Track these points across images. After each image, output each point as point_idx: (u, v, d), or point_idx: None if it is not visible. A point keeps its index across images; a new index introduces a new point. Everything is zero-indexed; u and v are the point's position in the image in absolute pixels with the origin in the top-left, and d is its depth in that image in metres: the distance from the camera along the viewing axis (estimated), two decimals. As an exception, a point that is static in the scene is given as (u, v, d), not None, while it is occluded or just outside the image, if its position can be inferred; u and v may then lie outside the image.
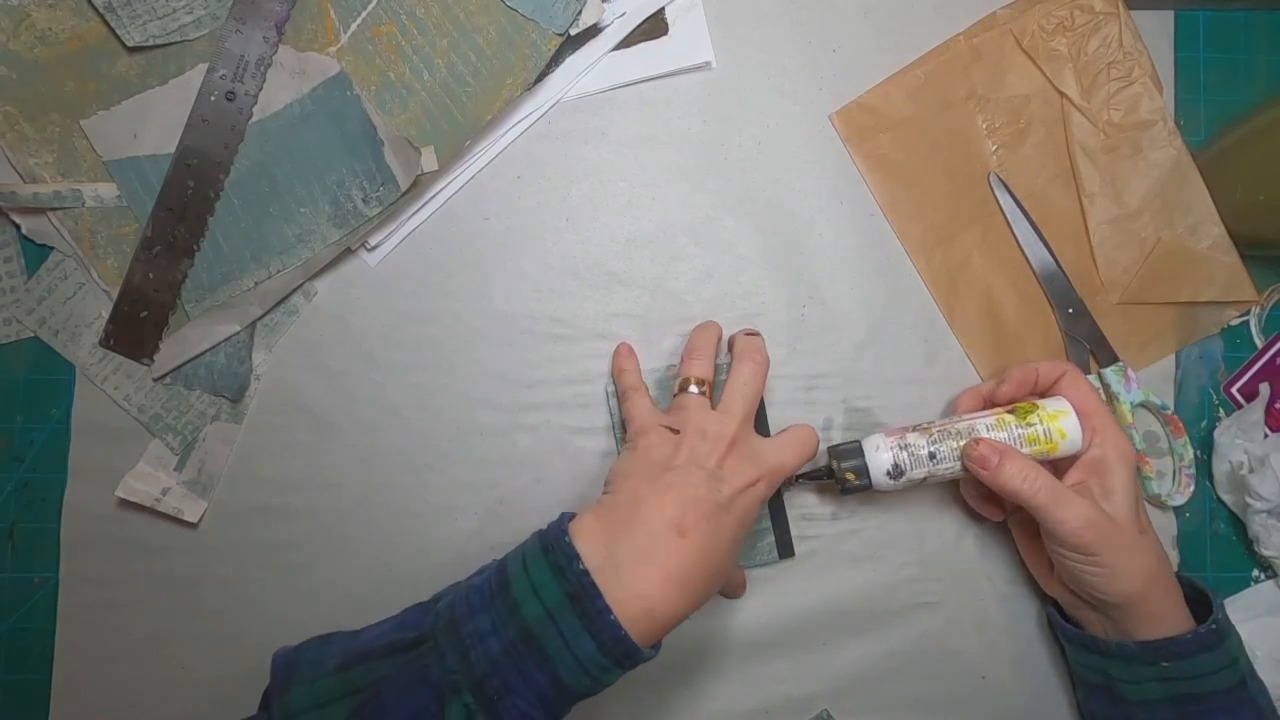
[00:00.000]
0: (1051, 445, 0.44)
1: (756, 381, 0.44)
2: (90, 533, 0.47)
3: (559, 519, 0.38)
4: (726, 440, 0.41)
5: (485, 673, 0.34)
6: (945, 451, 0.44)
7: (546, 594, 0.35)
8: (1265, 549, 0.50)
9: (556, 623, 0.35)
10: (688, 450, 0.40)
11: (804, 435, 0.44)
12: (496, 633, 0.35)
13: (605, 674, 0.35)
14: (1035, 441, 0.44)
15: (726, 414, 0.42)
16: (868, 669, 0.49)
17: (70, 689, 0.47)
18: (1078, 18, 0.50)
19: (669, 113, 0.50)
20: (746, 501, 0.40)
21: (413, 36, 0.47)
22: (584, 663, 0.34)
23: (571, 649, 0.34)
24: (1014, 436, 0.44)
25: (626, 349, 0.48)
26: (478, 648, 0.34)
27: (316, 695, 0.35)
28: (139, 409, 0.47)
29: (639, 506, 0.37)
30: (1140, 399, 0.50)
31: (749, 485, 0.40)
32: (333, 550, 0.48)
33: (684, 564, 0.36)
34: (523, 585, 0.36)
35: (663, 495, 0.38)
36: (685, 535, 0.37)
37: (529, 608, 0.35)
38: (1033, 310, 0.51)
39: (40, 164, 0.46)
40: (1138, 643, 0.42)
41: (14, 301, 0.47)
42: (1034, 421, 0.44)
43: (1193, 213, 0.51)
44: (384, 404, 0.48)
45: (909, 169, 0.51)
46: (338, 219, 0.47)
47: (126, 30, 0.45)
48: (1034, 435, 0.44)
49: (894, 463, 0.45)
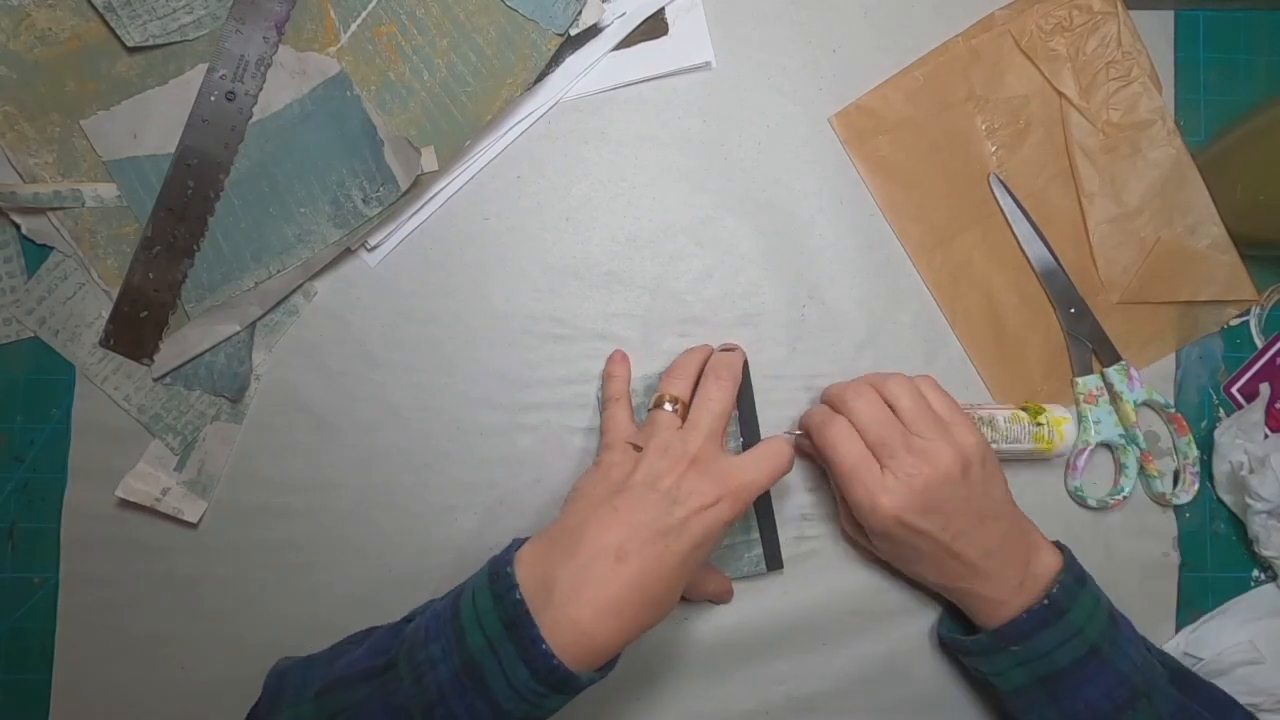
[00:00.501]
0: (1050, 445, 0.48)
1: (723, 397, 0.42)
2: (90, 533, 0.47)
3: (509, 545, 0.39)
4: (687, 458, 0.40)
5: (434, 699, 0.35)
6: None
7: (487, 622, 0.36)
8: (1265, 549, 0.50)
9: (495, 651, 0.35)
10: (646, 469, 0.40)
11: (774, 449, 0.42)
12: (446, 660, 0.36)
13: (545, 700, 0.36)
14: (1040, 440, 0.48)
15: (691, 430, 0.41)
16: (868, 669, 0.49)
17: (70, 689, 0.47)
18: (1076, 18, 0.50)
19: (669, 113, 0.50)
20: (705, 522, 0.38)
21: (413, 36, 0.47)
22: (520, 691, 0.35)
23: (508, 677, 0.35)
24: (1025, 431, 0.48)
25: (619, 356, 0.48)
26: (429, 675, 0.36)
27: (298, 718, 0.37)
28: (139, 409, 0.47)
29: (582, 531, 0.38)
30: (1143, 398, 0.50)
31: (707, 505, 0.38)
32: (333, 550, 0.48)
33: (619, 591, 0.36)
34: (469, 613, 0.36)
35: (606, 519, 0.38)
36: (624, 561, 0.36)
37: (472, 636, 0.36)
38: (1033, 310, 0.51)
39: (40, 164, 0.46)
40: (987, 633, 0.43)
41: (14, 301, 0.47)
42: (1043, 422, 0.48)
43: (1192, 212, 0.51)
44: (384, 404, 0.48)
45: (909, 171, 0.51)
46: (338, 219, 0.47)
47: (126, 30, 0.45)
48: (1040, 435, 0.48)
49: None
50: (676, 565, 0.37)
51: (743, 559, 0.48)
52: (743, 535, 0.48)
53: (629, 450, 0.42)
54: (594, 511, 0.38)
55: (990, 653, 0.43)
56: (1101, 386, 0.51)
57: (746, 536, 0.48)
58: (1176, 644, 0.50)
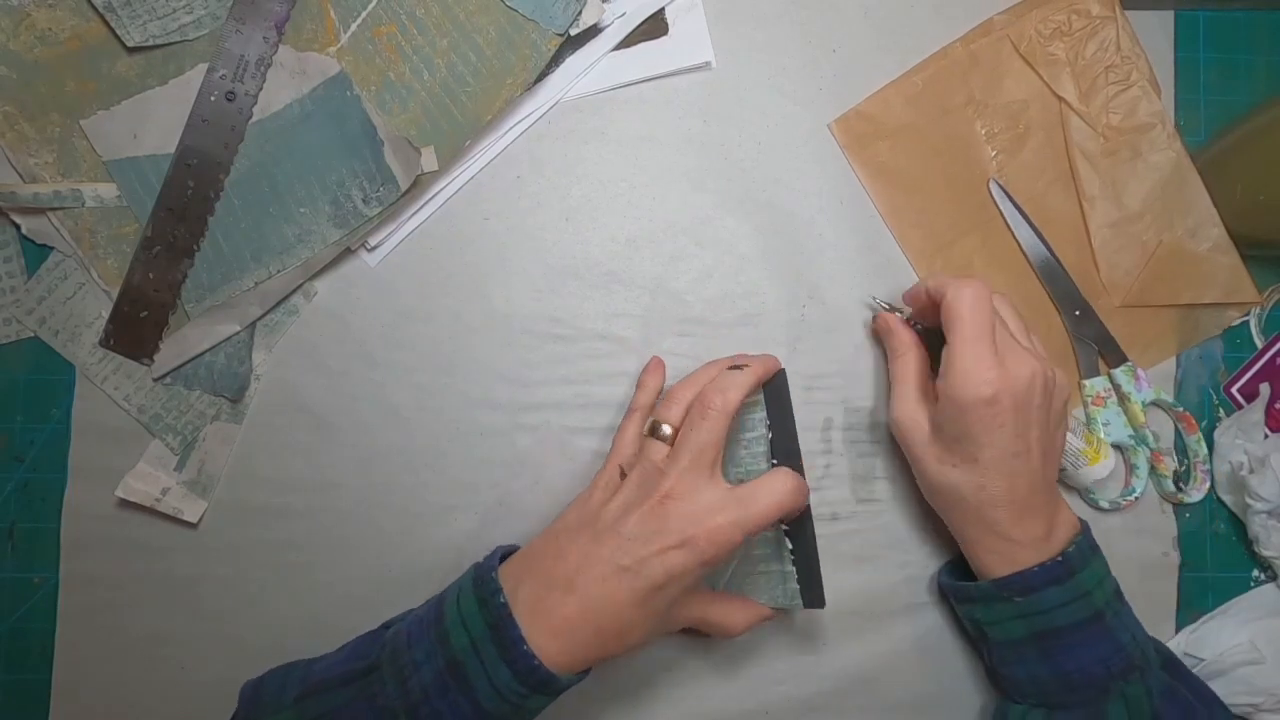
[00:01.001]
0: (1096, 454, 0.49)
1: (709, 429, 0.39)
2: (90, 533, 0.47)
3: (492, 553, 0.40)
4: (658, 495, 0.38)
5: (419, 700, 0.36)
6: None
7: (472, 625, 0.37)
8: (1265, 549, 0.50)
9: (478, 652, 0.36)
10: (618, 502, 0.39)
11: (770, 487, 0.39)
12: (429, 662, 0.37)
13: (525, 701, 0.36)
14: (1090, 443, 0.49)
15: (670, 466, 0.39)
16: (868, 669, 0.49)
17: (70, 689, 0.47)
18: (1075, 22, 0.50)
19: (669, 113, 0.50)
20: (666, 565, 0.37)
21: (413, 36, 0.47)
22: (502, 691, 0.36)
23: (490, 678, 0.36)
24: (1079, 426, 0.50)
25: (655, 365, 0.48)
26: (413, 677, 0.36)
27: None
28: (139, 409, 0.47)
29: (544, 553, 0.39)
30: (1151, 398, 0.50)
31: (668, 548, 0.37)
32: (333, 550, 0.48)
33: (565, 620, 0.37)
34: (454, 616, 0.38)
35: (566, 549, 0.39)
36: (571, 593, 0.37)
37: (456, 637, 0.37)
38: (1035, 315, 0.51)
39: (40, 164, 0.46)
40: (991, 581, 0.43)
41: (14, 301, 0.47)
42: (1092, 441, 0.50)
43: (1193, 215, 0.51)
44: (384, 404, 0.48)
45: (908, 176, 0.51)
46: (338, 219, 0.47)
47: (126, 30, 0.45)
48: (1090, 438, 0.50)
49: None
50: (629, 604, 0.37)
51: (777, 590, 0.45)
52: (776, 565, 0.44)
53: (614, 476, 0.42)
54: (558, 537, 0.40)
55: (992, 601, 0.43)
56: (1109, 388, 0.51)
57: (781, 567, 0.44)
58: (1177, 644, 0.50)
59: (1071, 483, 0.50)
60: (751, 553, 0.45)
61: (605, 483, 0.42)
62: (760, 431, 0.44)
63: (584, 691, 0.48)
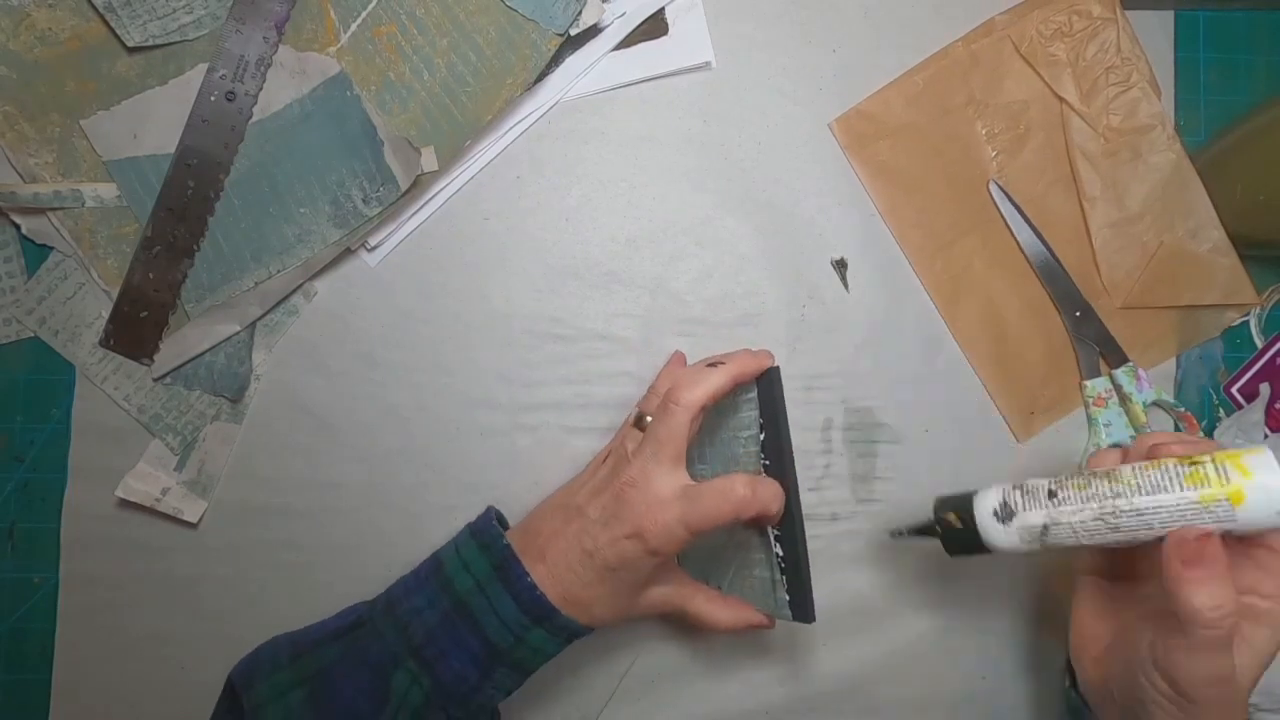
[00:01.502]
0: (1233, 492, 0.32)
1: (671, 423, 0.39)
2: (90, 533, 0.47)
3: (486, 511, 0.43)
4: (620, 483, 0.40)
5: (423, 642, 0.39)
6: (1071, 493, 0.35)
7: (475, 568, 0.40)
8: (1265, 549, 0.50)
9: (484, 590, 0.39)
10: (591, 485, 0.42)
11: (717, 490, 0.38)
12: (432, 606, 0.39)
13: (527, 632, 0.39)
14: (1201, 483, 0.33)
15: (636, 455, 0.40)
16: (868, 669, 0.49)
17: (70, 689, 0.47)
18: (1075, 23, 0.50)
19: (669, 113, 0.50)
20: (620, 552, 0.38)
21: (413, 36, 0.47)
22: (507, 622, 0.38)
23: (496, 610, 0.39)
24: (1169, 475, 0.34)
25: (677, 358, 0.48)
26: (414, 621, 0.39)
27: (277, 686, 0.39)
28: (139, 409, 0.47)
29: (529, 525, 0.42)
30: (1152, 398, 0.50)
31: (622, 536, 0.38)
32: (333, 550, 0.48)
33: (541, 581, 0.39)
34: (455, 564, 0.41)
35: (544, 521, 0.42)
36: (542, 562, 0.40)
37: (460, 581, 0.40)
38: (1035, 315, 0.51)
39: (40, 164, 0.46)
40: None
41: (14, 301, 0.47)
42: (1203, 460, 0.33)
43: (1193, 216, 0.51)
44: (384, 404, 0.48)
45: (909, 176, 0.51)
46: (338, 219, 0.47)
47: (126, 30, 0.45)
48: (1200, 475, 0.33)
49: (1002, 500, 0.37)
50: (593, 581, 0.39)
51: (769, 597, 0.43)
52: (767, 572, 0.43)
53: (601, 459, 0.44)
54: (543, 513, 0.43)
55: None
56: (1110, 389, 0.51)
57: (771, 575, 0.43)
58: None
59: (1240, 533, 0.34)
60: (750, 555, 0.44)
61: (593, 466, 0.44)
62: (754, 431, 0.44)
63: (584, 691, 0.48)
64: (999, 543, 0.37)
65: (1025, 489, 0.37)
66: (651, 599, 0.42)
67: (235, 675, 0.41)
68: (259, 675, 0.40)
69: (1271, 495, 0.31)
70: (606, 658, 0.48)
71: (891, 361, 0.51)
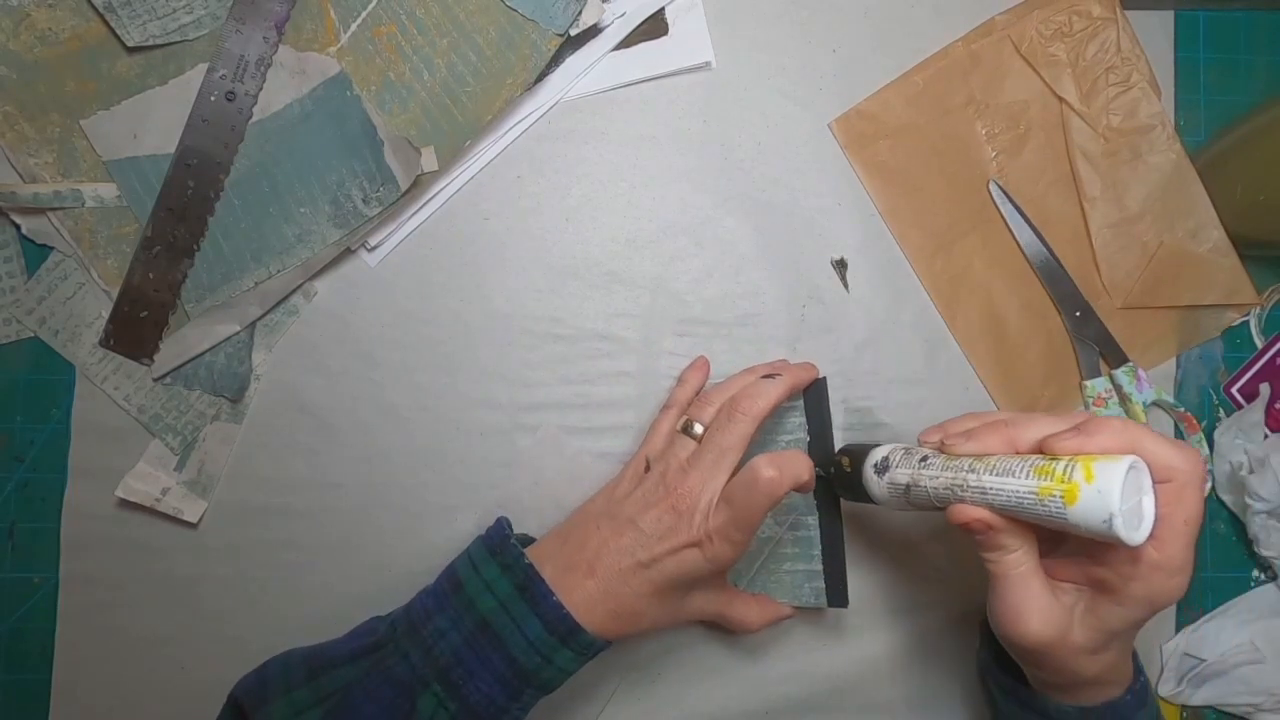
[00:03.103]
0: (1068, 491, 0.32)
1: (735, 433, 0.40)
2: (90, 533, 0.47)
3: (497, 523, 0.42)
4: (676, 493, 0.39)
5: (449, 664, 0.38)
6: (937, 460, 0.38)
7: (498, 588, 0.39)
8: (1265, 549, 0.50)
9: (508, 610, 0.38)
10: (639, 496, 0.41)
11: (746, 481, 0.38)
12: (456, 628, 0.39)
13: (554, 653, 0.38)
14: (1045, 475, 0.33)
15: (693, 465, 0.40)
16: (868, 669, 0.49)
17: (70, 689, 0.47)
18: (1076, 23, 0.50)
19: (669, 113, 0.50)
20: (679, 562, 0.39)
21: (413, 36, 0.47)
22: (533, 642, 0.38)
23: (522, 631, 0.38)
24: (1024, 463, 0.35)
25: (701, 363, 0.48)
26: (439, 643, 0.38)
27: (294, 704, 0.38)
28: (139, 409, 0.47)
29: (570, 536, 0.41)
30: (1152, 398, 0.50)
31: (680, 547, 0.39)
32: (333, 550, 0.48)
33: (586, 600, 0.39)
34: (476, 584, 0.39)
35: (589, 535, 0.40)
36: (592, 577, 0.39)
37: (483, 601, 0.39)
38: (1035, 316, 0.51)
39: (40, 164, 0.46)
40: (1077, 709, 0.39)
41: (14, 301, 0.47)
42: (1062, 456, 0.34)
43: (1193, 216, 0.51)
44: (384, 404, 0.48)
45: (909, 176, 0.51)
46: (338, 219, 0.47)
47: (126, 30, 0.45)
48: (1048, 469, 0.33)
49: (885, 455, 0.40)
50: (647, 593, 0.39)
51: (803, 588, 0.46)
52: (804, 564, 0.46)
53: (639, 468, 0.43)
54: (584, 523, 0.42)
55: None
56: (1110, 389, 0.51)
57: (808, 566, 0.46)
58: (1176, 644, 0.50)
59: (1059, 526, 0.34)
60: (779, 550, 0.46)
61: (632, 473, 0.43)
62: (799, 435, 0.47)
63: (585, 691, 0.48)
64: (872, 490, 0.41)
65: (910, 451, 0.40)
66: (696, 604, 0.42)
67: (242, 693, 0.40)
68: (271, 693, 0.39)
69: (1103, 502, 0.31)
70: (606, 659, 0.48)
71: (891, 361, 0.51)
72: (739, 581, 0.47)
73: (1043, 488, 0.33)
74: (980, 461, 0.36)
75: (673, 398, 0.47)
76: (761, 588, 0.47)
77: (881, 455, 0.41)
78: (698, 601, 0.42)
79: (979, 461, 0.36)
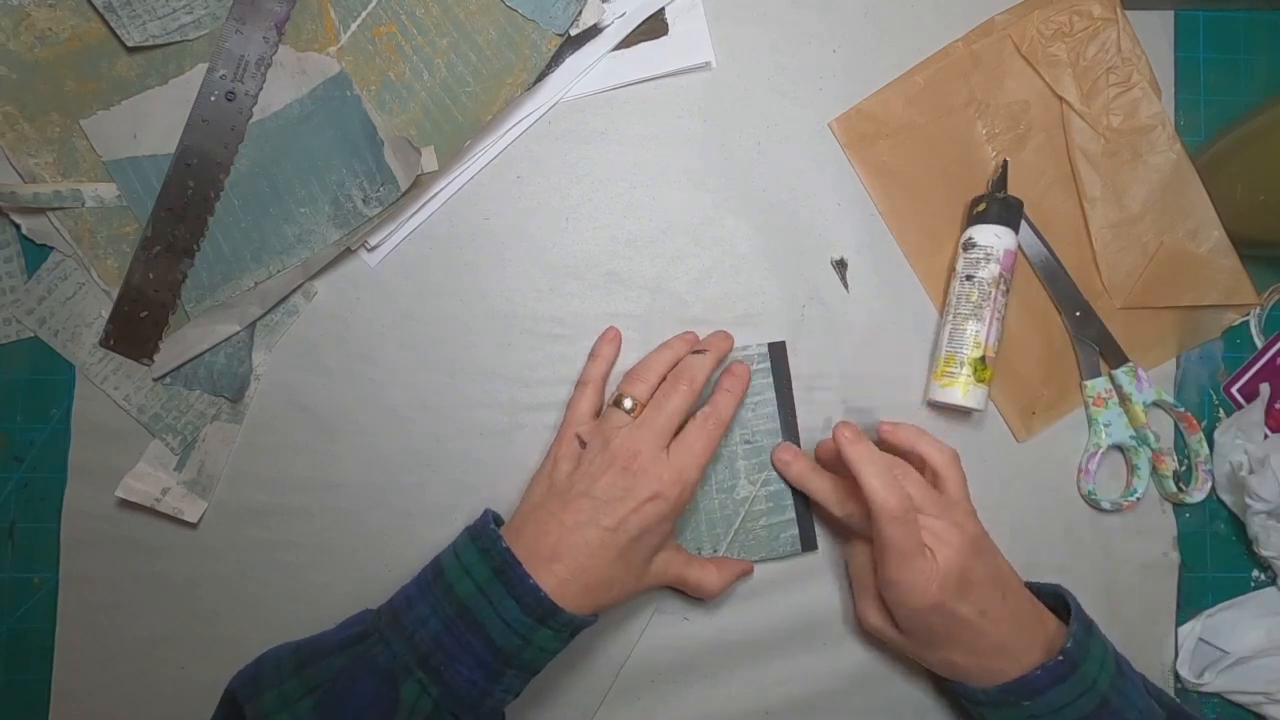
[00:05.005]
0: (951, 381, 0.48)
1: (679, 401, 0.43)
2: (90, 533, 0.47)
3: (483, 514, 0.43)
4: (626, 455, 0.42)
5: (429, 650, 0.38)
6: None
7: (476, 572, 0.40)
8: (1265, 550, 0.50)
9: (486, 594, 0.39)
10: (584, 470, 0.42)
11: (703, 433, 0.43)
12: (436, 614, 0.39)
13: (532, 633, 0.39)
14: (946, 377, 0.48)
15: (640, 428, 0.43)
16: (869, 669, 0.49)
17: (70, 689, 0.47)
18: (1076, 23, 0.50)
19: (669, 113, 0.50)
20: (641, 518, 0.41)
21: (413, 36, 0.47)
22: (511, 623, 0.39)
23: (499, 613, 0.39)
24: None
25: (612, 334, 0.49)
26: (420, 631, 0.39)
27: (285, 696, 0.39)
28: (139, 409, 0.47)
29: (524, 530, 0.41)
30: (1152, 398, 0.50)
31: (643, 501, 0.41)
32: (332, 550, 0.48)
33: (560, 582, 0.39)
34: (455, 569, 0.40)
35: (544, 524, 0.41)
36: (558, 561, 0.40)
37: (461, 586, 0.40)
38: (1035, 316, 0.51)
39: (40, 164, 0.46)
40: (997, 687, 0.42)
41: (14, 301, 0.47)
42: (954, 364, 0.48)
43: (1193, 216, 0.51)
44: (384, 404, 0.48)
45: (909, 175, 0.51)
46: (338, 219, 0.47)
47: (126, 30, 0.45)
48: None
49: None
50: (613, 560, 0.41)
51: (779, 539, 0.49)
52: (778, 516, 0.49)
53: (573, 446, 0.45)
54: (533, 514, 0.42)
55: (1001, 707, 0.42)
56: (1110, 389, 0.51)
57: (782, 518, 0.49)
58: (1192, 628, 0.50)
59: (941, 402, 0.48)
60: (754, 509, 0.49)
61: (567, 453, 0.45)
62: (767, 395, 0.49)
63: (584, 690, 0.48)
64: None
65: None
66: (658, 567, 0.44)
67: (236, 686, 0.40)
68: (264, 685, 0.40)
69: None
70: (603, 655, 0.48)
71: (891, 361, 0.50)
72: (719, 546, 0.48)
73: None
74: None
75: (588, 374, 0.47)
76: (740, 546, 0.49)
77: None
78: (658, 565, 0.44)
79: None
